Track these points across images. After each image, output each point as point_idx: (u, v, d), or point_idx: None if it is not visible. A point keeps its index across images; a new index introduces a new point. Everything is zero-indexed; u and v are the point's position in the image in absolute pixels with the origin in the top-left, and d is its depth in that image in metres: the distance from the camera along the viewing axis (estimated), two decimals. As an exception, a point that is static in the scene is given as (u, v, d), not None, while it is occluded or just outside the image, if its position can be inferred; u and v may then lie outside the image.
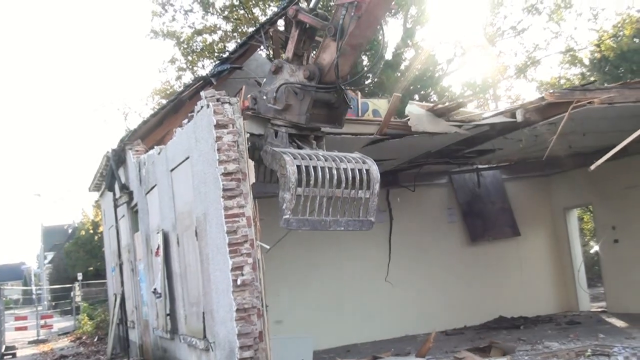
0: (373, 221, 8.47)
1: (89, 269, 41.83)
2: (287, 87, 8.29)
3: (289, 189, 7.65)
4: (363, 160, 8.31)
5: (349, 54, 8.01)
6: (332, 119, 8.71)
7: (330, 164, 7.94)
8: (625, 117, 11.39)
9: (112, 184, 16.47)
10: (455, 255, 16.46)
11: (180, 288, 10.89)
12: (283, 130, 8.45)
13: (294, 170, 7.63)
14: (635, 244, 15.27)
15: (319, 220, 8.05)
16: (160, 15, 29.46)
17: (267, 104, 8.50)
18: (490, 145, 12.97)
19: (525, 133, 11.57)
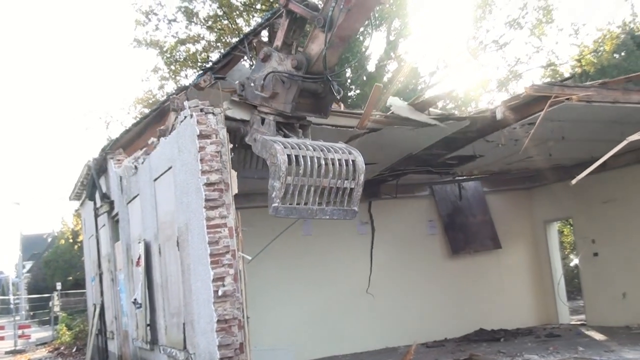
0: (356, 211, 8.54)
1: (68, 278, 41.47)
2: (275, 75, 8.30)
3: (279, 178, 7.69)
4: (349, 150, 8.37)
5: (337, 46, 8.05)
6: (318, 108, 8.76)
7: (319, 153, 8.01)
8: (603, 121, 11.50)
9: (93, 193, 16.37)
10: (437, 267, 16.52)
11: (161, 298, 10.82)
12: (271, 118, 8.49)
13: (284, 160, 7.67)
14: (614, 258, 15.41)
15: (306, 209, 8.11)
16: (144, 24, 29.35)
17: (254, 91, 8.52)
18: (471, 149, 12.97)
19: (505, 134, 11.61)
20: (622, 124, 11.57)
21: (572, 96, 9.94)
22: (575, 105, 10.12)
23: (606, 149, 13.05)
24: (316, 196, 8.08)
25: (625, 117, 11.36)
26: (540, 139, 12.15)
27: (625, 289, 15.14)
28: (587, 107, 10.45)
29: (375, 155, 12.34)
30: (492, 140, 12.22)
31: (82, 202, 20.29)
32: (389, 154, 12.89)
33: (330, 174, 8.03)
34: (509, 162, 14.65)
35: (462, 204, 17.13)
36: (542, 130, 11.28)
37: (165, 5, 29.88)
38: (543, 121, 10.65)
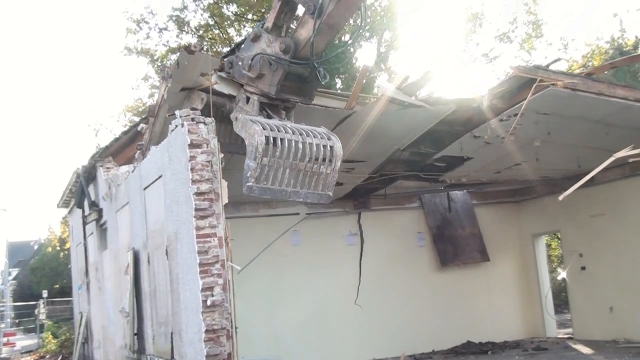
0: (331, 195, 8.64)
1: (55, 286, 41.24)
2: (263, 57, 8.37)
3: (255, 158, 7.79)
4: (328, 136, 8.46)
5: (326, 33, 8.09)
6: (303, 92, 8.83)
7: (297, 137, 8.12)
8: (588, 120, 11.52)
9: (81, 201, 16.30)
10: (425, 279, 16.55)
11: (149, 307, 10.76)
12: (255, 98, 8.58)
13: (262, 141, 7.76)
14: (602, 272, 15.48)
15: (280, 190, 8.21)
16: (135, 33, 29.37)
17: (241, 70, 8.61)
18: (459, 146, 12.88)
19: (491, 127, 11.65)
20: (606, 125, 11.66)
21: (558, 82, 10.01)
22: (560, 93, 10.19)
23: (592, 158, 13.19)
24: (291, 178, 8.20)
25: (609, 117, 11.42)
26: (526, 137, 12.19)
27: (613, 303, 15.20)
28: (572, 98, 10.49)
29: (362, 149, 12.32)
30: (479, 135, 12.18)
31: (70, 209, 20.20)
32: (376, 149, 12.76)
33: (306, 158, 8.14)
34: (497, 170, 14.69)
35: (451, 216, 17.18)
36: (528, 123, 11.36)
37: (156, 13, 30.05)
38: (529, 113, 10.73)
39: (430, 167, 14.19)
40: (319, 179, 8.42)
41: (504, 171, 14.72)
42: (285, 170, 8.11)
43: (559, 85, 9.97)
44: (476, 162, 13.96)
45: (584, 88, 10.31)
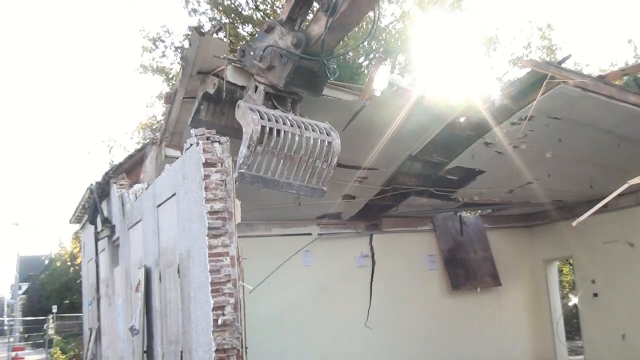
0: (325, 190, 8.74)
1: (64, 301, 41.29)
2: (274, 49, 8.44)
3: (248, 146, 7.91)
4: (328, 132, 8.56)
5: (338, 31, 8.16)
6: (312, 85, 8.87)
7: (295, 130, 8.23)
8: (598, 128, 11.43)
9: (94, 217, 16.38)
10: (436, 302, 16.45)
11: (159, 325, 10.76)
12: (262, 88, 8.67)
13: (257, 130, 7.88)
14: (614, 299, 15.35)
15: (273, 180, 8.32)
16: (151, 51, 29.62)
17: (252, 60, 8.68)
18: (470, 154, 12.77)
19: (503, 132, 11.57)
20: (617, 137, 11.57)
21: (569, 80, 9.95)
22: (571, 93, 10.12)
23: (605, 177, 13.16)
24: (285, 170, 8.30)
25: (620, 126, 11.30)
26: (538, 146, 12.13)
27: (625, 330, 15.06)
28: (583, 100, 10.40)
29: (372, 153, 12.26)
30: (490, 142, 12.13)
31: (82, 225, 20.30)
32: (387, 154, 12.60)
33: (302, 151, 8.24)
34: (509, 189, 14.62)
35: (463, 239, 17.12)
36: (539, 129, 11.31)
37: (172, 32, 30.17)
38: (540, 116, 10.72)
39: (443, 181, 14.12)
40: (313, 173, 8.52)
41: (517, 190, 14.64)
42: (280, 161, 8.24)
43: (570, 83, 9.92)
44: (488, 176, 13.85)
45: (594, 89, 10.21)
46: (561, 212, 16.51)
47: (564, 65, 10.29)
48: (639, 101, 10.63)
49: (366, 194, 14.18)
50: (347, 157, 12.30)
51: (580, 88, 10.06)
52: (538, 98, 10.06)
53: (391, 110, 10.84)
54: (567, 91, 10.10)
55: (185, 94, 9.95)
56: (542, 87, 9.90)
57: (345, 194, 13.96)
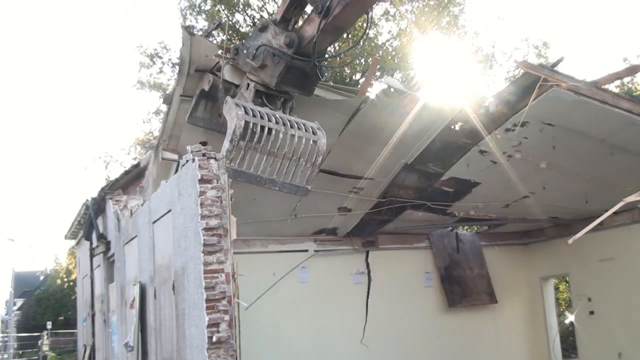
0: (309, 189, 8.86)
1: (59, 317, 41.10)
2: (267, 48, 8.59)
3: (231, 140, 8.11)
4: (314, 131, 8.69)
5: (330, 34, 8.33)
6: (303, 85, 9.04)
7: (280, 127, 8.38)
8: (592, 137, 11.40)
9: (89, 233, 16.36)
10: (432, 320, 16.40)
11: (154, 342, 10.72)
12: (252, 85, 8.82)
13: (240, 125, 8.05)
14: (610, 317, 15.32)
15: (255, 175, 8.50)
16: (148, 67, 29.74)
17: (245, 58, 8.83)
18: (465, 164, 12.73)
19: (498, 138, 11.61)
20: (610, 145, 11.56)
21: (562, 83, 9.99)
22: (564, 97, 10.13)
23: (600, 192, 13.15)
24: (267, 165, 8.46)
25: (613, 134, 11.28)
26: (532, 156, 12.15)
27: (621, 348, 15.02)
28: (576, 106, 10.41)
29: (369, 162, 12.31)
30: (485, 150, 12.13)
31: (78, 241, 20.26)
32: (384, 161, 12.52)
33: (286, 148, 8.40)
34: (505, 204, 14.62)
35: (459, 257, 17.10)
36: (533, 136, 11.34)
37: (170, 49, 30.28)
38: (533, 121, 10.80)
39: (438, 194, 14.11)
40: (297, 171, 8.63)
41: (513, 205, 14.64)
42: (263, 157, 8.40)
43: (563, 86, 9.97)
44: (484, 189, 13.84)
45: (588, 93, 10.21)
46: (557, 229, 16.52)
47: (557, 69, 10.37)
48: (631, 107, 10.63)
49: (362, 206, 14.17)
50: (343, 166, 12.33)
51: (573, 92, 10.10)
52: (531, 101, 10.14)
53: (387, 115, 10.90)
54: (560, 95, 10.15)
55: (183, 93, 10.06)
56: (536, 88, 9.98)
57: (341, 206, 13.96)
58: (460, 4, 29.46)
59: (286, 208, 13.41)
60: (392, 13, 28.85)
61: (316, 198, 13.15)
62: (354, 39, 22.32)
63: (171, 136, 10.72)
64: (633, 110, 10.61)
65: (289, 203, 13.16)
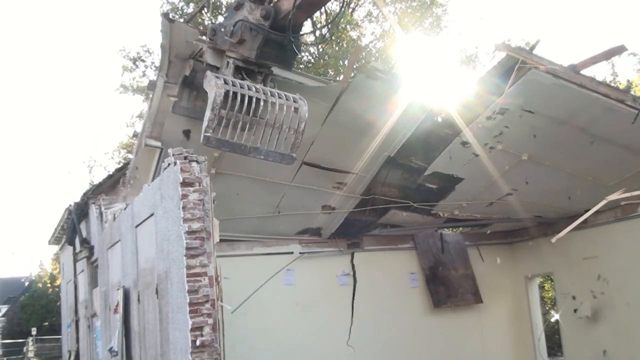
0: (294, 157, 8.97)
1: (44, 323, 40.87)
2: (244, 23, 8.72)
3: (212, 109, 8.18)
4: (295, 99, 8.82)
5: (306, 10, 8.49)
6: (282, 59, 9.23)
7: (261, 95, 8.49)
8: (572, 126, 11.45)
9: (72, 238, 16.25)
10: (418, 320, 16.42)
11: (138, 347, 10.66)
12: (231, 62, 8.94)
13: (220, 93, 8.17)
14: (595, 315, 15.37)
15: (239, 144, 8.57)
16: (131, 71, 29.65)
17: (224, 37, 8.93)
18: (448, 156, 12.73)
19: (479, 127, 11.63)
20: (591, 135, 11.62)
21: (540, 66, 10.08)
22: (543, 80, 10.23)
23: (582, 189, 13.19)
24: (250, 134, 8.53)
25: (593, 122, 11.33)
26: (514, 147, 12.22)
27: (606, 346, 15.08)
28: (555, 91, 10.49)
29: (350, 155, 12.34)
30: (467, 142, 12.13)
31: (61, 246, 20.12)
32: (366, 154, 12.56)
33: (267, 116, 8.50)
34: (489, 202, 14.65)
35: (444, 257, 17.13)
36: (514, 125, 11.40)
37: (153, 52, 30.21)
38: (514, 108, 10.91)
39: (422, 191, 14.12)
40: (281, 139, 8.72)
41: (496, 204, 14.67)
42: (245, 125, 8.46)
43: (541, 69, 10.06)
44: (467, 186, 13.85)
45: (566, 77, 10.30)
46: (541, 228, 16.58)
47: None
48: (609, 92, 10.73)
49: (346, 204, 14.16)
50: (326, 158, 12.33)
51: (552, 75, 10.17)
52: (510, 82, 10.23)
53: (369, 101, 10.99)
54: (539, 77, 10.22)
55: (166, 80, 10.08)
56: (514, 70, 10.07)
57: (325, 204, 13.96)
58: (443, 5, 29.58)
59: (270, 204, 13.39)
60: (375, 14, 28.95)
61: (300, 194, 13.17)
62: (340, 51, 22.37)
63: (155, 123, 10.73)
64: (611, 95, 10.70)
65: (273, 198, 13.16)
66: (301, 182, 12.84)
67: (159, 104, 10.43)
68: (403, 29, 27.21)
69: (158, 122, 10.71)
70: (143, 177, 11.61)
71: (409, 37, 26.98)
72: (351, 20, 27.74)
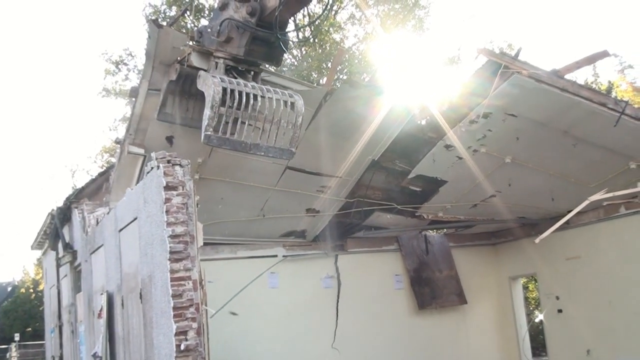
0: (294, 152, 8.96)
1: (27, 329, 40.51)
2: (231, 22, 8.74)
3: (212, 107, 8.15)
4: (290, 94, 8.86)
5: (292, 6, 8.56)
6: (270, 56, 9.24)
7: (257, 91, 8.51)
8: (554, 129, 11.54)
9: (55, 243, 16.14)
10: (403, 322, 16.44)
11: (122, 352, 10.59)
12: (221, 62, 8.95)
13: (218, 90, 8.16)
14: (578, 315, 15.48)
15: (240, 142, 8.56)
16: (114, 74, 29.51)
17: (211, 37, 8.94)
18: (432, 160, 12.77)
19: (462, 131, 11.68)
20: (573, 137, 11.70)
21: (522, 70, 10.14)
22: (526, 85, 10.29)
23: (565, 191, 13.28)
24: (250, 131, 8.56)
25: (575, 125, 11.42)
26: (497, 150, 12.28)
27: (590, 346, 15.18)
28: (538, 95, 10.57)
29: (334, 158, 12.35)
30: (451, 145, 12.19)
31: (44, 251, 19.98)
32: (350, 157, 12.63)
33: (266, 111, 8.52)
34: (473, 204, 14.71)
35: (428, 258, 17.16)
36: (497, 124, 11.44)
37: (135, 55, 30.08)
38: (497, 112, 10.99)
39: (406, 194, 14.14)
40: (280, 134, 8.73)
41: (480, 206, 14.74)
42: (245, 123, 8.48)
43: (524, 73, 10.12)
44: (451, 188, 13.90)
45: (548, 81, 10.39)
46: (525, 229, 16.66)
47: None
48: (591, 96, 10.82)
49: (330, 207, 14.16)
50: (310, 163, 12.32)
51: (534, 79, 10.24)
52: (493, 88, 10.32)
53: (353, 106, 11.02)
54: (522, 82, 10.29)
55: (150, 87, 10.05)
56: (497, 75, 10.15)
57: (309, 207, 13.94)
58: (426, 7, 29.68)
59: (254, 207, 13.36)
60: (358, 17, 29.00)
61: (284, 198, 13.16)
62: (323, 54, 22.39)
63: (138, 130, 10.68)
64: (593, 99, 10.79)
65: (257, 202, 13.14)
66: (285, 186, 12.83)
67: (141, 111, 10.38)
68: (386, 31, 27.28)
69: (141, 129, 10.66)
70: (126, 185, 11.54)
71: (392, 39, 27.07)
72: (334, 23, 27.76)
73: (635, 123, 11.07)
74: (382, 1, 28.62)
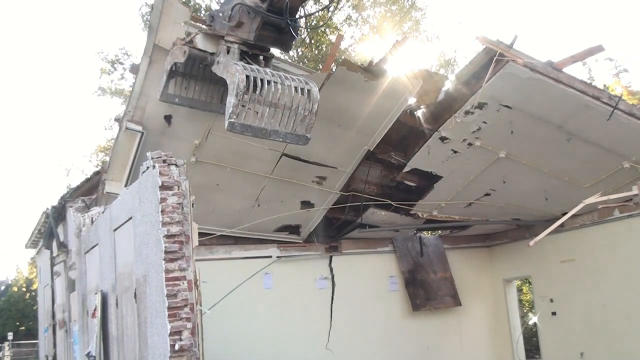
0: (309, 137, 9.13)
1: (21, 328, 40.42)
2: (242, 7, 8.88)
3: (236, 95, 8.28)
4: (306, 81, 9.00)
5: None
6: (280, 42, 9.44)
7: (276, 79, 8.66)
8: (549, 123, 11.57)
9: (49, 242, 16.08)
10: (397, 323, 16.45)
11: (116, 352, 10.56)
12: (235, 47, 9.08)
13: (242, 78, 8.28)
14: (572, 317, 15.50)
15: (261, 129, 8.72)
16: (109, 73, 29.47)
17: (222, 21, 9.08)
18: (427, 153, 12.78)
19: (458, 122, 11.71)
20: (567, 132, 11.74)
21: (517, 59, 10.21)
22: (520, 74, 10.35)
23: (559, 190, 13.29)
24: (270, 118, 8.71)
25: (570, 118, 11.44)
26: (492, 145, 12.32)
27: (583, 348, 15.20)
28: (533, 86, 10.62)
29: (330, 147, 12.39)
30: (446, 137, 12.20)
31: (38, 250, 19.92)
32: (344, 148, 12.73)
33: (285, 99, 8.69)
34: (467, 202, 14.73)
35: (423, 260, 17.17)
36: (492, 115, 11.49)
37: (131, 54, 30.03)
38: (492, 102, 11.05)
39: (402, 189, 14.13)
40: (297, 120, 8.90)
41: (475, 205, 14.76)
42: (266, 109, 8.64)
43: (519, 62, 10.18)
44: (446, 185, 13.92)
45: (543, 71, 10.45)
46: (519, 231, 16.69)
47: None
48: (585, 89, 10.86)
49: (325, 201, 14.14)
50: (306, 152, 12.34)
51: (529, 68, 10.28)
52: (489, 75, 10.37)
53: (350, 92, 11.10)
54: (516, 70, 10.35)
55: (150, 62, 10.16)
56: (493, 62, 10.23)
57: (304, 200, 13.93)
58: (422, 9, 29.70)
59: (249, 196, 13.36)
60: (354, 18, 29.00)
61: (279, 187, 13.16)
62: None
63: (137, 107, 10.73)
64: (587, 92, 10.84)
65: (252, 190, 13.15)
66: (281, 175, 12.86)
67: (142, 88, 10.44)
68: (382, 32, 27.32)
69: (140, 107, 10.73)
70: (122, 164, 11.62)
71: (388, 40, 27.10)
72: (330, 24, 27.76)
73: (628, 118, 11.12)
74: (379, 3, 28.64)
